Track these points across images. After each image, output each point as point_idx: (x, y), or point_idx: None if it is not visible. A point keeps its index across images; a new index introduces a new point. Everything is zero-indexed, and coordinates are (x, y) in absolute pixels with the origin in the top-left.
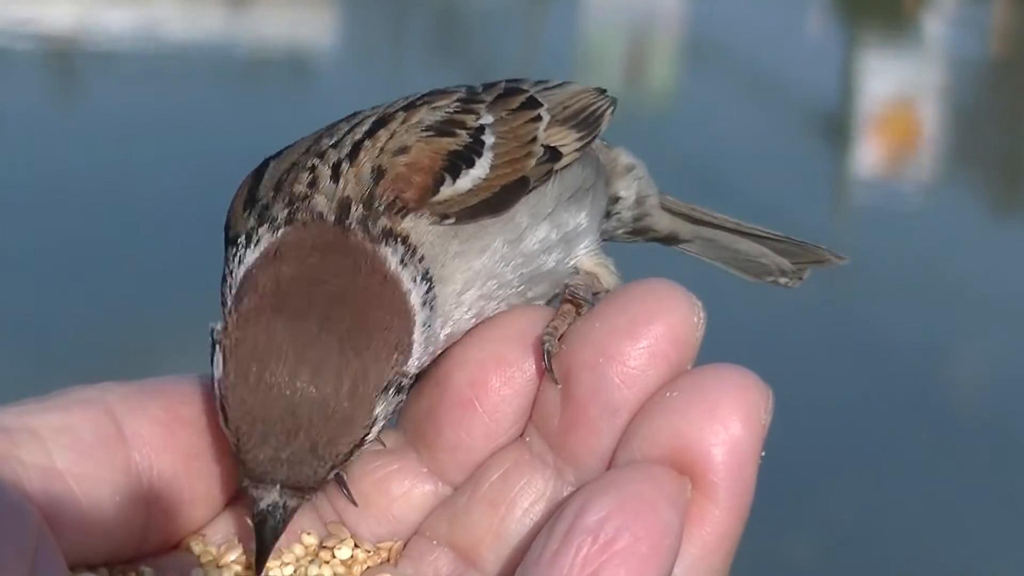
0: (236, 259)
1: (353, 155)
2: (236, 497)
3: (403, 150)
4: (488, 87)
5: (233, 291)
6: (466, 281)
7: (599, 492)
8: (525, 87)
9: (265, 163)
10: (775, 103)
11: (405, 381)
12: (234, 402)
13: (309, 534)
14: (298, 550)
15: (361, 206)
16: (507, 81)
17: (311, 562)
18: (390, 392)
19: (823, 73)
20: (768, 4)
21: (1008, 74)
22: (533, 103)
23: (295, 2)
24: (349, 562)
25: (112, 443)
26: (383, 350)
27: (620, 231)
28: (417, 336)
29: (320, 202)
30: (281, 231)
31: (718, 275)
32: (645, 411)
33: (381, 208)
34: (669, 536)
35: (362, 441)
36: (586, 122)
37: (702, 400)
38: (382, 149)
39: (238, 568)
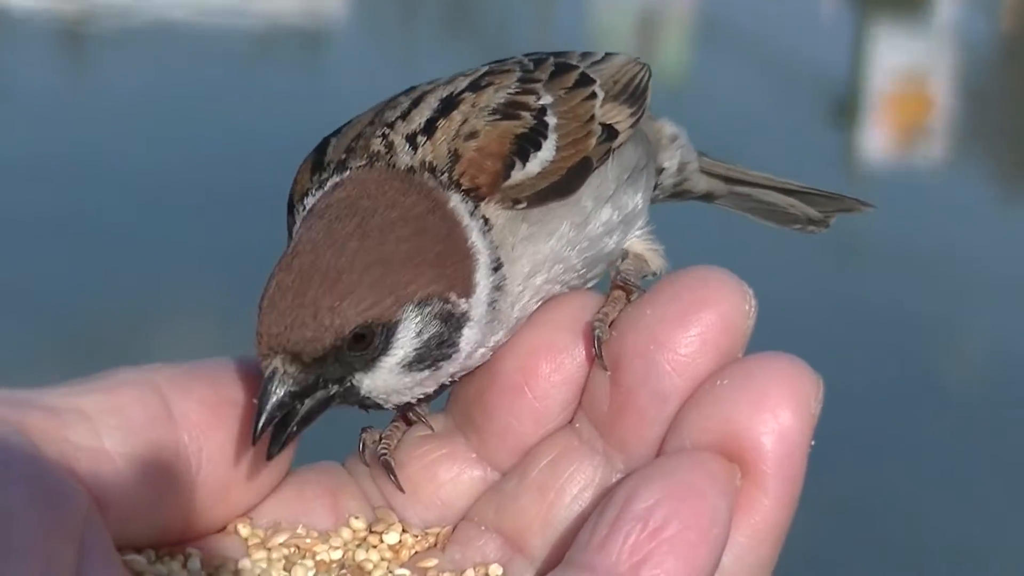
0: (303, 207)
1: (429, 131)
2: (283, 480)
3: (472, 135)
4: (538, 63)
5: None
6: (534, 264)
7: (648, 479)
8: (574, 62)
9: (325, 141)
10: (786, 82)
11: (453, 311)
12: (268, 280)
13: (357, 518)
14: (346, 534)
15: (441, 172)
16: (555, 56)
17: (358, 546)
18: (427, 311)
19: (834, 52)
20: None
21: (1019, 53)
22: (586, 80)
23: None
24: (397, 547)
25: (161, 424)
26: (420, 260)
27: (660, 196)
28: (482, 279)
29: (399, 160)
30: (349, 171)
31: (733, 255)
32: (695, 399)
33: (460, 186)
34: (718, 524)
35: (382, 336)
36: (634, 96)
37: (752, 388)
38: (457, 132)
39: (286, 551)
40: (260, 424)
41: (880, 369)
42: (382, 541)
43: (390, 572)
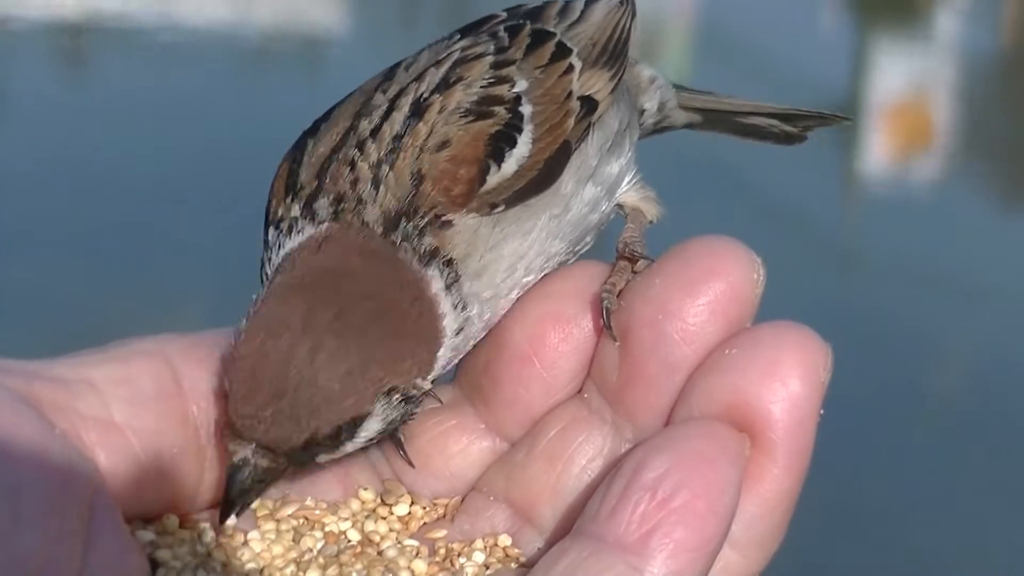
0: (277, 244)
1: (392, 153)
2: None
3: (444, 144)
4: (513, 33)
5: (271, 271)
6: (509, 266)
7: (657, 449)
8: (551, 28)
9: (303, 139)
10: (787, 94)
11: (416, 393)
12: (234, 359)
13: (366, 489)
14: (355, 505)
15: (405, 219)
16: (531, 19)
17: (367, 517)
18: (394, 398)
19: (835, 65)
20: None
21: (1019, 68)
22: (563, 51)
23: None
24: (406, 518)
25: (170, 395)
26: (394, 354)
27: (640, 135)
28: (441, 355)
29: (366, 210)
30: (326, 225)
31: None
32: (704, 368)
33: (424, 221)
34: (727, 493)
35: (351, 428)
36: (615, 53)
37: (761, 357)
38: (421, 149)
39: (295, 522)
40: (230, 511)
41: (876, 380)
42: (391, 512)
43: (399, 543)
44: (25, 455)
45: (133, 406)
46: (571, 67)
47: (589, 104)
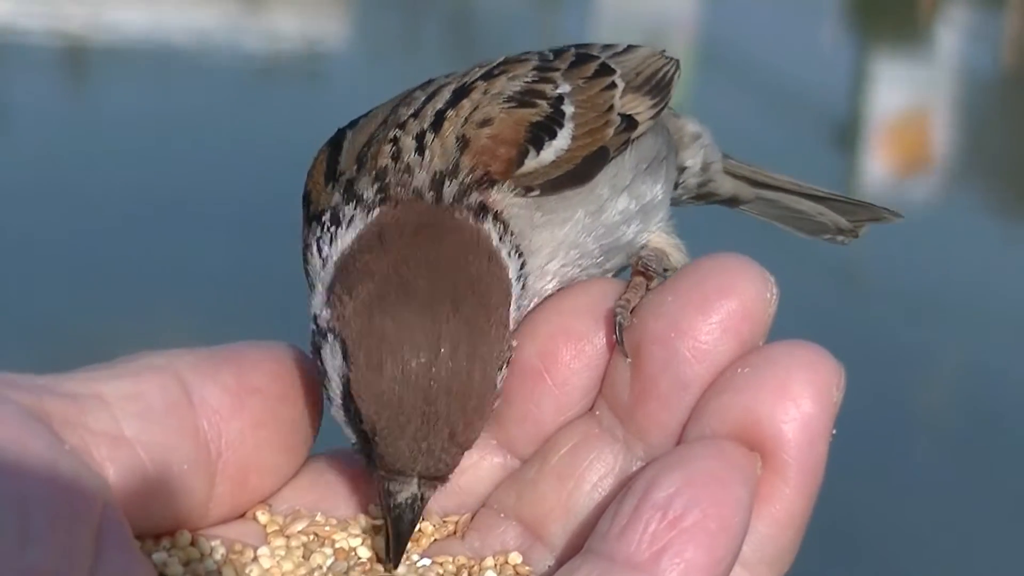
0: (327, 239)
1: (436, 125)
2: (303, 468)
3: (486, 122)
4: (558, 53)
5: (328, 274)
6: (551, 252)
7: (669, 467)
8: (595, 52)
9: (341, 133)
10: (787, 110)
11: (511, 355)
12: (369, 395)
13: (377, 505)
14: (364, 522)
15: (452, 180)
16: (576, 47)
17: (377, 534)
18: (503, 370)
19: (836, 81)
20: (782, 12)
21: (1019, 87)
22: (606, 70)
23: (308, 1)
24: (416, 535)
25: (180, 411)
26: (500, 329)
27: (684, 197)
28: (512, 312)
29: (414, 178)
30: (377, 211)
31: None
32: (716, 387)
33: (469, 180)
34: (739, 513)
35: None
36: (657, 88)
37: (773, 377)
38: (466, 119)
39: (305, 539)
40: (400, 554)
41: (874, 398)
42: None
43: (409, 560)
44: (34, 470)
45: (143, 421)
46: (614, 84)
47: (629, 121)
